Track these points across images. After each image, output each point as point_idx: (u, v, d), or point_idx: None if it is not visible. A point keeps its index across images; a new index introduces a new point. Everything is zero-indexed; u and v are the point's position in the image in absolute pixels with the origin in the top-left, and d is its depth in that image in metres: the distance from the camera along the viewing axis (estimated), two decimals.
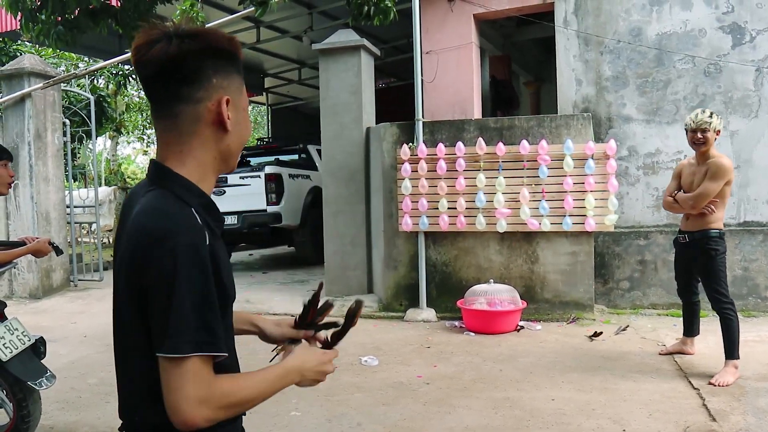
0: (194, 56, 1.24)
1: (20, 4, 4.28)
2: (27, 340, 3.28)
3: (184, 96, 1.25)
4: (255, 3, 4.57)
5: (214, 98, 1.26)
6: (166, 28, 1.24)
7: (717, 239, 4.39)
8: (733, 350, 4.32)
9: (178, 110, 1.25)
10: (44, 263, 8.32)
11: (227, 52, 1.30)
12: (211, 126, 1.27)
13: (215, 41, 1.28)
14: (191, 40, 1.23)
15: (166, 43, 1.22)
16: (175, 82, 1.24)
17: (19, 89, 8.36)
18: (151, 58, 1.22)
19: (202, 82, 1.25)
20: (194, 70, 1.24)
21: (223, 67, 1.28)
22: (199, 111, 1.25)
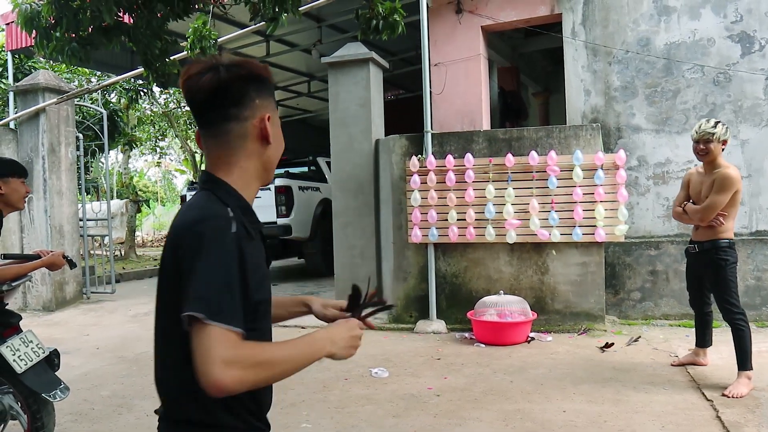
0: (240, 82, 1.43)
1: (35, 22, 4.33)
2: (41, 353, 3.32)
3: (232, 116, 1.43)
4: (266, 19, 4.61)
5: (257, 116, 1.45)
6: (213, 60, 1.44)
7: (726, 249, 4.36)
8: (746, 361, 4.29)
9: (228, 128, 1.44)
10: (57, 276, 8.40)
11: (264, 78, 1.49)
12: (257, 140, 1.46)
13: (255, 68, 1.47)
14: (236, 68, 1.43)
15: (215, 72, 1.41)
16: (225, 105, 1.43)
17: (34, 104, 8.49)
18: (203, 85, 1.41)
19: (247, 103, 1.44)
20: (241, 93, 1.43)
21: (262, 90, 1.47)
22: (246, 128, 1.44)
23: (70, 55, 4.49)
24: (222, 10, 5.28)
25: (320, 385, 4.76)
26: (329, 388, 4.70)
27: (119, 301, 8.83)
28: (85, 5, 4.20)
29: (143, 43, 4.68)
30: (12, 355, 3.15)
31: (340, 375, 5.03)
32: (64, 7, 4.19)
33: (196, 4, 4.75)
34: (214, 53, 5.15)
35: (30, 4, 4.35)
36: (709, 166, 4.42)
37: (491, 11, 7.53)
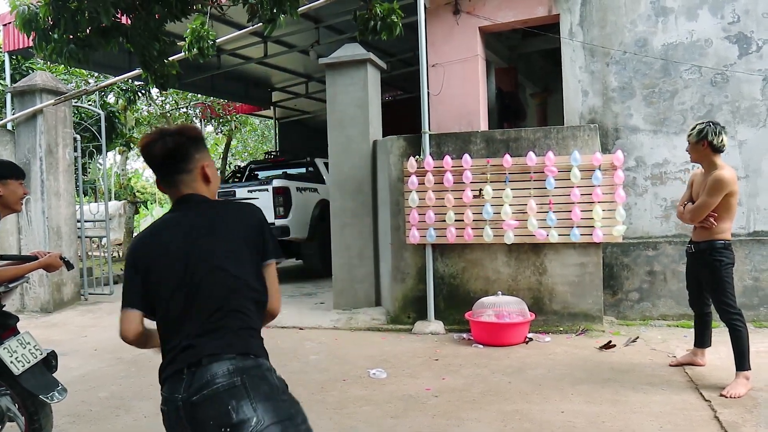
0: (183, 145, 2.00)
1: (33, 24, 4.32)
2: (39, 354, 3.31)
3: (181, 169, 2.01)
4: (264, 20, 4.61)
5: (198, 166, 2.03)
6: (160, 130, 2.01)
7: (722, 250, 4.37)
8: (744, 361, 4.30)
9: (180, 178, 2.02)
10: (55, 277, 8.39)
11: (200, 138, 2.07)
12: (202, 181, 2.04)
13: (192, 133, 2.05)
14: (178, 136, 2.00)
15: (163, 141, 1.98)
16: (175, 163, 2.00)
17: (31, 105, 8.48)
18: (157, 152, 1.99)
19: (190, 159, 2.02)
20: (184, 153, 2.01)
21: (199, 147, 2.05)
22: (194, 175, 2.03)
23: (69, 56, 4.48)
24: (220, 12, 5.27)
25: (318, 386, 4.76)
26: (327, 389, 4.70)
27: (117, 302, 8.69)
28: (83, 6, 4.20)
29: (141, 45, 4.67)
30: (9, 356, 3.14)
31: (338, 376, 5.03)
32: (61, 9, 4.18)
33: (194, 5, 4.74)
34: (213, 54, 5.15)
35: (28, 5, 4.34)
36: (706, 167, 4.44)
37: (489, 12, 7.54)
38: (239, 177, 11.75)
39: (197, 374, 1.75)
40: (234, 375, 1.74)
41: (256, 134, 25.05)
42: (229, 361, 1.76)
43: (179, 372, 1.80)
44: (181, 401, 1.76)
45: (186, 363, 1.79)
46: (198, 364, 1.77)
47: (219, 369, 1.74)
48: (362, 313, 7.17)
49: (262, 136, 24.87)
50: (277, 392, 1.81)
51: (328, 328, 6.85)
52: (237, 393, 1.72)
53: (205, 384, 1.73)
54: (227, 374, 1.73)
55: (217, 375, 1.73)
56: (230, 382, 1.72)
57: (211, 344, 1.80)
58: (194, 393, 1.73)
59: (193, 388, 1.74)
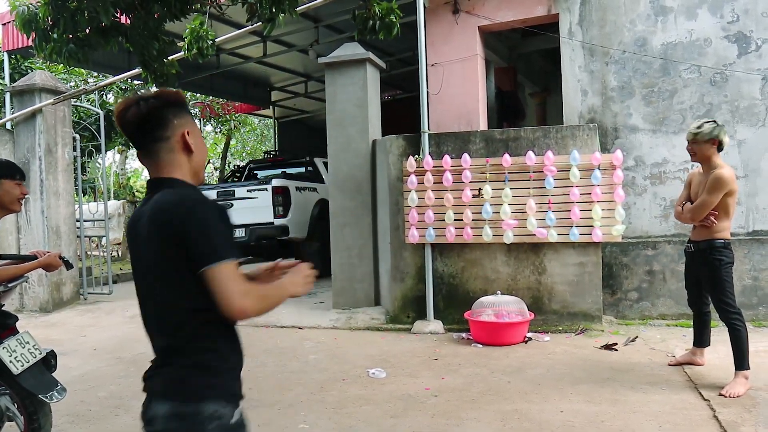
0: (158, 110, 1.78)
1: (33, 24, 4.33)
2: (38, 354, 3.31)
3: (158, 137, 1.78)
4: (263, 19, 4.61)
5: (178, 133, 1.80)
6: (135, 96, 1.80)
7: (721, 249, 4.38)
8: (743, 361, 4.30)
9: (157, 147, 1.79)
10: (54, 277, 8.38)
11: (179, 101, 1.85)
12: (182, 152, 1.81)
13: (169, 96, 1.84)
14: (153, 100, 1.79)
15: (137, 106, 1.77)
16: (150, 130, 1.78)
17: (31, 105, 8.47)
18: (130, 118, 1.78)
19: (168, 125, 1.79)
20: (161, 118, 1.79)
21: (178, 112, 1.82)
22: (172, 144, 1.79)
23: (68, 56, 4.49)
24: (219, 11, 5.28)
25: (318, 386, 4.76)
26: (327, 389, 4.70)
27: (116, 302, 8.81)
28: (83, 6, 4.20)
29: (140, 44, 4.67)
30: (9, 356, 3.14)
31: (338, 376, 5.03)
32: (61, 9, 4.19)
33: (193, 4, 4.74)
34: (212, 53, 5.15)
35: (28, 6, 4.34)
36: (706, 167, 4.44)
37: (488, 11, 7.54)
38: (238, 176, 11.75)
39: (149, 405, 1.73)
40: (170, 421, 1.67)
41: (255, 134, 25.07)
42: (170, 403, 1.69)
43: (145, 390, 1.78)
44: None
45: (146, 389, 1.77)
46: (151, 393, 1.74)
47: (160, 410, 1.69)
48: (361, 313, 7.18)
49: (261, 136, 24.87)
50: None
51: (328, 327, 6.85)
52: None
53: (150, 420, 1.71)
54: (165, 418, 1.68)
55: (157, 416, 1.69)
56: (166, 427, 1.68)
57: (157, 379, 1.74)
58: (146, 424, 1.73)
59: (146, 418, 1.73)
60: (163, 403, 1.68)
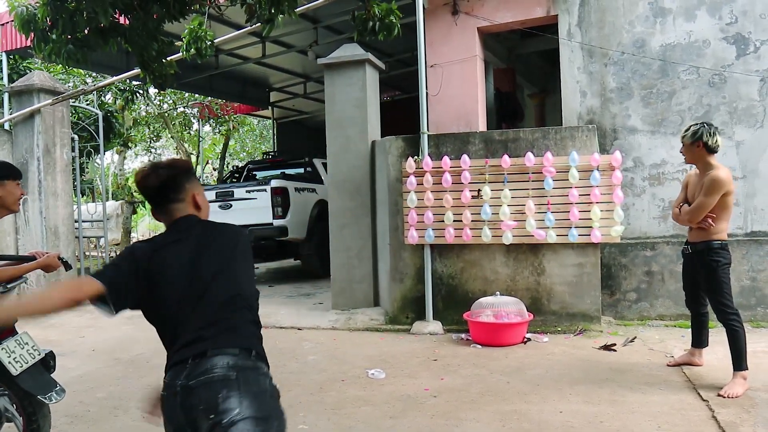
0: (175, 177, 2.19)
1: (32, 25, 4.32)
2: (37, 354, 3.30)
3: (173, 199, 2.19)
4: (262, 20, 4.61)
5: (190, 195, 2.21)
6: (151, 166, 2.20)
7: (719, 250, 4.39)
8: (741, 361, 4.31)
9: (174, 207, 2.19)
10: (53, 278, 8.36)
11: (190, 169, 2.29)
12: (193, 208, 2.22)
13: (183, 165, 2.28)
14: (170, 169, 2.21)
15: (156, 174, 2.17)
16: (168, 194, 2.18)
17: (29, 105, 8.47)
18: (151, 184, 2.17)
19: (182, 189, 2.20)
20: (177, 184, 2.19)
21: (190, 178, 2.24)
22: (186, 204, 2.20)
23: (67, 56, 4.48)
24: (218, 12, 5.27)
25: (317, 387, 4.76)
26: (326, 390, 4.70)
27: None
28: (82, 7, 4.19)
29: (139, 45, 4.66)
30: (7, 357, 3.14)
31: (337, 376, 5.03)
32: (60, 9, 4.18)
33: (192, 5, 4.74)
34: (211, 54, 5.15)
35: (26, 6, 4.34)
36: (702, 168, 4.47)
37: (487, 13, 7.55)
38: (237, 177, 11.74)
39: (200, 363, 1.90)
40: (231, 369, 1.88)
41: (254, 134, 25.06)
42: (231, 356, 1.92)
43: (184, 361, 1.93)
44: (179, 387, 1.88)
45: (192, 354, 1.93)
46: (203, 354, 1.91)
47: (220, 361, 1.89)
48: (361, 314, 7.17)
49: (260, 136, 24.87)
50: (264, 395, 1.92)
51: (327, 328, 6.85)
52: (229, 384, 1.86)
53: (203, 371, 1.87)
54: (225, 367, 1.88)
55: (216, 365, 1.88)
56: (226, 374, 1.87)
57: (218, 338, 1.95)
58: (192, 378, 1.87)
59: (193, 375, 1.88)
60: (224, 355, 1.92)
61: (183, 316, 2.01)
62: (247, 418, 1.81)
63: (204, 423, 1.83)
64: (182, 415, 1.88)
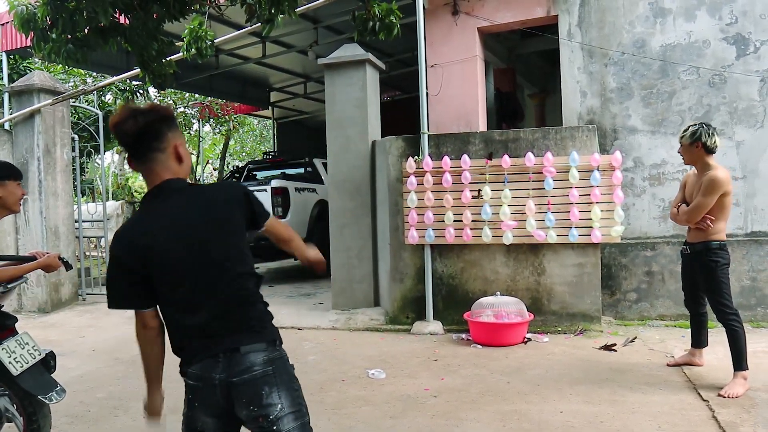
0: (154, 123, 2.01)
1: (32, 24, 4.32)
2: (37, 354, 3.31)
3: (155, 148, 2.02)
4: (262, 20, 4.61)
5: (171, 144, 2.05)
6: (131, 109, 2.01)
7: (718, 251, 4.40)
8: (741, 361, 4.31)
9: (153, 156, 2.03)
10: (53, 278, 8.37)
11: (171, 116, 2.09)
12: (175, 161, 2.06)
13: (163, 111, 2.07)
14: (150, 114, 2.01)
15: (134, 119, 1.98)
16: (148, 141, 2.01)
17: (29, 105, 8.46)
18: (128, 130, 1.99)
19: (162, 138, 2.03)
20: (157, 132, 2.02)
21: (171, 126, 2.07)
22: (167, 153, 2.04)
23: (67, 56, 4.48)
24: (218, 12, 5.27)
25: (317, 387, 4.76)
26: (326, 390, 4.70)
27: None
28: (82, 6, 4.19)
29: (139, 44, 4.66)
30: (8, 357, 3.14)
31: (337, 376, 5.03)
32: (60, 8, 4.18)
33: (192, 5, 4.74)
34: (211, 54, 5.15)
35: (26, 5, 4.34)
36: (700, 169, 4.48)
37: (487, 13, 7.55)
38: (237, 177, 11.74)
39: (234, 359, 1.99)
40: (267, 365, 2.02)
41: (254, 134, 25.06)
42: (263, 352, 2.03)
43: (214, 356, 2.00)
44: (218, 381, 1.99)
45: (222, 350, 2.00)
46: (236, 350, 2.00)
47: (256, 358, 2.01)
48: (361, 314, 7.17)
49: (260, 137, 24.87)
50: (292, 381, 2.10)
51: (327, 328, 6.85)
52: (269, 381, 2.00)
53: (245, 370, 1.98)
54: (262, 363, 2.01)
55: (254, 363, 2.00)
56: (265, 371, 2.00)
57: (244, 334, 2.03)
58: (234, 375, 1.98)
59: (233, 372, 1.98)
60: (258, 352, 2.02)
61: (187, 299, 2.02)
62: (289, 414, 2.01)
63: (243, 410, 2.00)
64: (223, 403, 2.01)
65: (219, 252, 2.03)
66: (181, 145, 2.07)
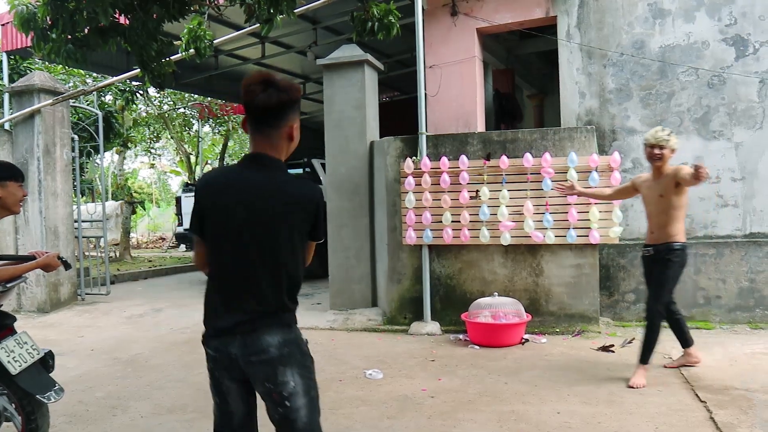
0: (284, 104, 2.17)
1: (32, 24, 4.33)
2: (36, 354, 3.31)
3: (274, 124, 2.19)
4: (261, 20, 4.62)
5: (289, 125, 2.22)
6: (268, 78, 2.15)
7: (679, 252, 4.59)
8: (647, 356, 4.62)
9: (270, 131, 2.20)
10: (52, 277, 8.38)
11: (297, 101, 2.22)
12: (286, 139, 2.24)
13: (294, 94, 2.20)
14: (284, 93, 2.15)
15: (268, 94, 2.13)
16: (271, 117, 2.18)
17: (29, 105, 8.46)
18: (259, 102, 2.14)
19: (285, 118, 2.20)
20: (283, 112, 2.18)
21: (294, 108, 2.22)
22: (282, 131, 2.21)
23: (67, 56, 4.48)
24: (217, 12, 5.28)
25: None
26: (323, 390, 4.67)
27: (114, 302, 8.81)
28: (82, 6, 4.20)
29: (139, 45, 4.67)
30: (6, 356, 3.14)
31: (335, 376, 5.04)
32: (60, 8, 4.19)
33: (191, 5, 4.74)
34: (209, 54, 5.15)
35: (26, 5, 4.34)
36: (658, 172, 4.71)
37: (486, 13, 7.56)
38: None
39: (250, 338, 2.14)
40: (283, 347, 2.15)
41: None
42: (279, 334, 2.16)
43: (231, 332, 2.15)
44: (235, 356, 2.14)
45: (241, 330, 2.14)
46: (253, 331, 2.14)
47: (272, 340, 2.14)
48: (359, 314, 7.18)
49: None
50: (305, 360, 2.23)
51: (325, 328, 6.86)
52: (284, 361, 2.15)
53: (261, 350, 2.13)
54: (278, 345, 2.14)
55: (271, 345, 2.14)
56: (281, 352, 2.14)
57: (265, 319, 2.16)
58: (251, 354, 2.13)
59: (250, 350, 2.13)
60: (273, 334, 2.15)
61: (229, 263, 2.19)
62: (301, 391, 2.17)
63: (259, 386, 2.18)
64: (241, 374, 2.18)
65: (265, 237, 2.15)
66: (295, 128, 2.25)
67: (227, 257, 2.19)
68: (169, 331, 7.06)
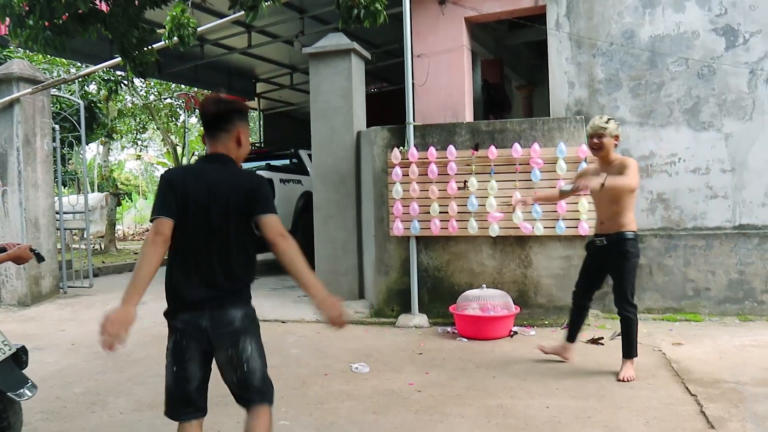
0: (231, 112, 2.64)
1: (8, 10, 4.18)
2: (8, 350, 3.19)
3: (224, 128, 2.63)
4: (245, 7, 4.50)
5: (237, 130, 2.65)
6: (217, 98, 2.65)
7: (632, 241, 4.51)
8: (631, 350, 4.55)
9: (222, 134, 2.64)
10: (33, 270, 8.23)
11: (244, 111, 2.73)
12: (235, 143, 2.66)
13: (240, 106, 2.71)
14: (231, 104, 2.66)
15: (217, 104, 2.62)
16: (222, 122, 2.63)
17: (8, 94, 8.29)
18: (212, 110, 2.62)
19: (232, 123, 2.64)
20: (230, 118, 2.64)
21: (242, 118, 2.69)
22: (232, 135, 2.65)
23: (45, 43, 4.34)
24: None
25: (299, 381, 4.68)
26: (308, 384, 4.62)
27: (97, 295, 8.67)
28: None
29: (120, 32, 4.54)
30: None
31: (320, 370, 4.96)
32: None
33: None
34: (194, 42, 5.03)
35: None
36: (605, 161, 4.59)
37: (475, 2, 7.45)
38: None
39: (218, 313, 2.53)
40: (245, 320, 2.59)
41: None
42: (243, 309, 2.60)
43: (200, 307, 2.51)
44: (205, 328, 2.51)
45: (210, 305, 2.52)
46: (221, 307, 2.54)
47: (237, 314, 2.57)
48: (345, 306, 7.08)
49: None
50: (257, 330, 2.68)
51: (311, 321, 6.77)
52: (246, 332, 2.59)
53: (228, 323, 2.54)
54: (242, 318, 2.58)
55: (236, 318, 2.56)
56: (243, 324, 2.57)
57: (231, 297, 2.57)
58: (219, 326, 2.52)
59: (217, 323, 2.52)
60: (238, 309, 2.58)
61: (195, 241, 2.53)
62: (255, 356, 2.60)
63: (222, 353, 2.56)
64: (207, 344, 2.54)
65: (225, 219, 2.53)
66: (244, 134, 2.66)
67: (200, 238, 2.52)
68: (153, 324, 6.91)
